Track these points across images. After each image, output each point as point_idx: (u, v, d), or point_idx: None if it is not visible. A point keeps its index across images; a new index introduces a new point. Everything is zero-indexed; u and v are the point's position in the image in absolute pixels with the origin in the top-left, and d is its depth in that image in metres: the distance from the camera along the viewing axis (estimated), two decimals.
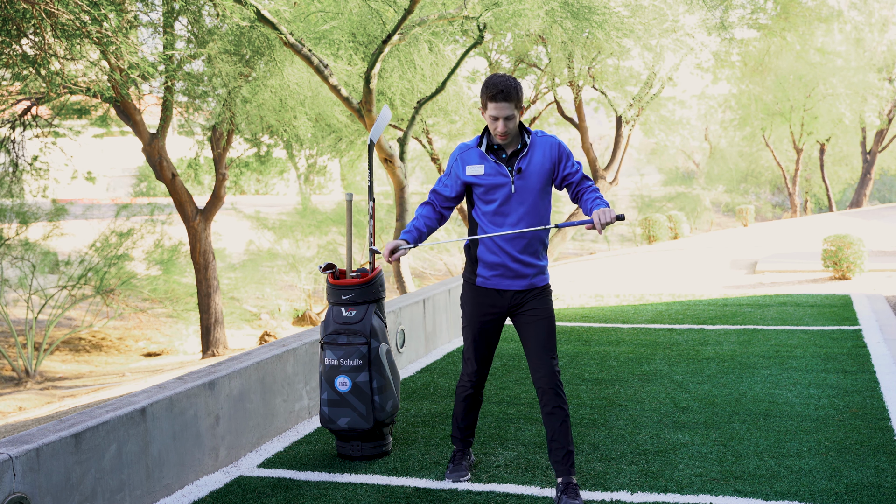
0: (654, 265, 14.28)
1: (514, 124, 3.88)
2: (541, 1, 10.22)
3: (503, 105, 3.82)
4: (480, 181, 3.94)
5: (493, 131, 3.90)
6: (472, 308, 4.11)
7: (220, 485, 4.32)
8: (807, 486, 4.06)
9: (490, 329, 4.11)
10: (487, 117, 3.89)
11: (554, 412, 3.93)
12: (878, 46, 27.10)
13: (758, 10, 16.21)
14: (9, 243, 15.03)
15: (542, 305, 4.03)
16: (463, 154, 4.01)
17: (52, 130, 13.98)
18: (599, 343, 7.48)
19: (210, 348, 13.09)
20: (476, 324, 4.10)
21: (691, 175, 41.36)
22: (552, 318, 4.04)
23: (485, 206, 3.97)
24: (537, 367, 3.96)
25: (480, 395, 4.28)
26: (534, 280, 4.03)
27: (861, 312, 8.63)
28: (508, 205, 3.93)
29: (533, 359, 3.99)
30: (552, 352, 3.98)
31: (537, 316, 4.01)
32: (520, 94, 3.87)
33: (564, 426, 3.93)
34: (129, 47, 8.33)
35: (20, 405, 11.74)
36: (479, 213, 3.99)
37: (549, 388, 3.93)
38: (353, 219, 18.08)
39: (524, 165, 3.93)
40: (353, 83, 11.75)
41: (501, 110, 3.83)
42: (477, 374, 4.18)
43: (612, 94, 15.69)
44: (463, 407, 4.27)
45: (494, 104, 3.83)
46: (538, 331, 3.99)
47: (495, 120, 3.86)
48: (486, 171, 3.94)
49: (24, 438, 3.56)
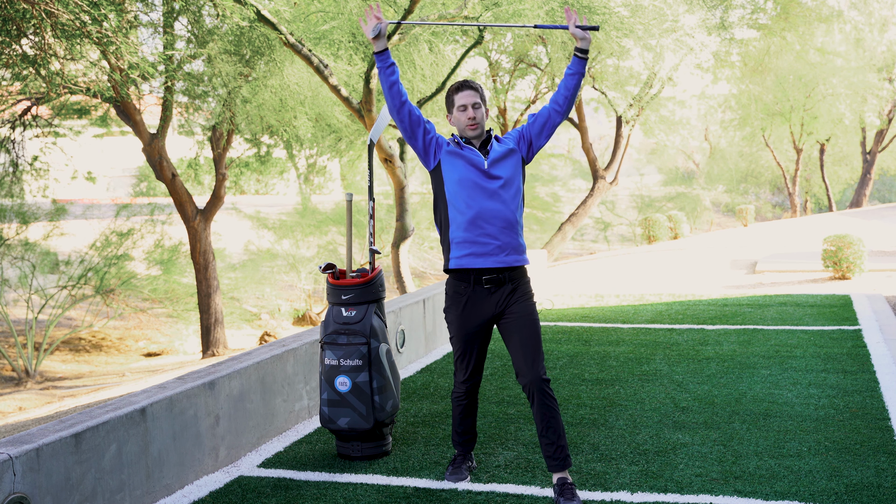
0: (654, 265, 14.28)
1: (481, 114, 3.98)
2: (541, 1, 10.23)
3: (469, 92, 3.97)
4: (457, 152, 3.97)
5: (463, 123, 3.98)
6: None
7: (220, 485, 4.33)
8: (807, 486, 4.07)
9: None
10: (456, 112, 3.98)
11: (541, 410, 3.93)
12: (878, 46, 27.09)
13: (758, 10, 16.21)
14: (9, 243, 15.03)
15: (526, 308, 4.02)
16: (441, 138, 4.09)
17: (52, 130, 13.98)
18: (599, 343, 7.48)
19: (210, 348, 13.09)
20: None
21: (691, 175, 41.33)
22: (536, 320, 4.03)
23: (459, 181, 3.96)
24: (522, 370, 3.97)
25: (475, 401, 4.28)
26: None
27: (861, 312, 8.63)
28: (489, 185, 3.95)
29: (517, 362, 4.00)
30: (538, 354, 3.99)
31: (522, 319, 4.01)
32: (483, 91, 4.01)
33: (554, 420, 3.93)
34: (129, 47, 8.33)
35: (20, 405, 11.74)
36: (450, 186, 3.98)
37: (536, 389, 3.94)
38: (353, 219, 18.08)
39: (492, 147, 4.01)
40: (353, 83, 11.75)
41: (469, 97, 3.97)
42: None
43: (612, 94, 15.69)
44: (458, 412, 4.29)
45: (461, 93, 3.97)
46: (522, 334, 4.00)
47: (464, 110, 3.96)
48: (462, 150, 3.99)
49: (24, 438, 3.56)
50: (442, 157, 4.00)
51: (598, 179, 16.10)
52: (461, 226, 3.94)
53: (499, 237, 3.93)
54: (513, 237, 3.97)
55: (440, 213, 4.04)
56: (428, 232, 22.48)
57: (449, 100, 4.02)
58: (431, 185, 4.10)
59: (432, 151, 4.01)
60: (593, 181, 16.20)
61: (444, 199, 4.00)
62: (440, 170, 4.00)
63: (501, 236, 3.94)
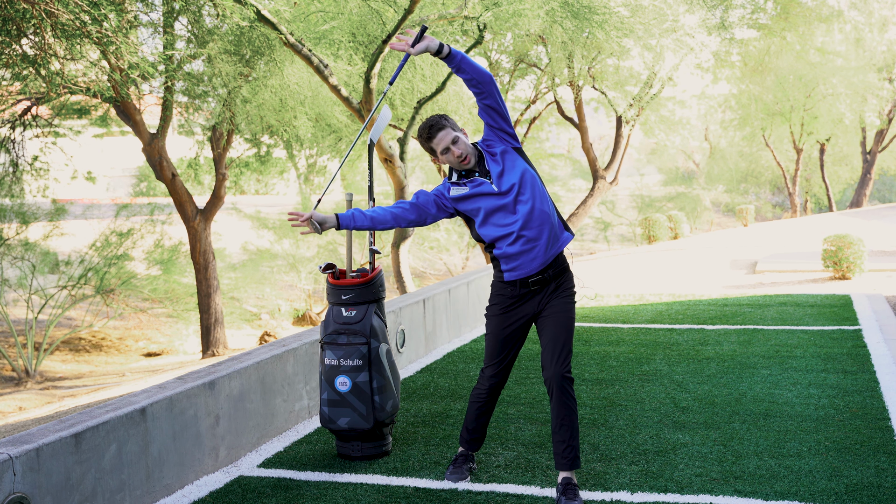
0: (654, 265, 14.28)
1: (464, 144, 3.95)
2: (541, 1, 10.22)
3: (440, 134, 3.93)
4: (468, 193, 3.96)
5: (454, 162, 3.95)
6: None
7: (220, 485, 4.33)
8: (807, 486, 4.06)
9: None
10: (441, 157, 3.96)
11: (559, 406, 3.95)
12: (878, 46, 27.08)
13: (758, 10, 16.20)
14: (9, 243, 15.03)
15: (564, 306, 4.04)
16: (443, 186, 4.06)
17: (52, 130, 13.98)
18: (599, 343, 7.48)
19: (210, 348, 13.09)
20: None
21: (691, 175, 41.34)
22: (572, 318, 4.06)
23: (485, 215, 3.98)
24: (548, 364, 3.99)
25: (494, 402, 4.29)
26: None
27: (861, 312, 8.63)
28: (508, 200, 3.95)
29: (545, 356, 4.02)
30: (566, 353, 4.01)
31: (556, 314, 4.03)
32: (449, 120, 3.96)
33: (569, 419, 3.95)
34: (129, 47, 8.33)
35: (20, 405, 11.74)
36: (486, 228, 4.00)
37: (557, 385, 3.95)
38: None
39: (489, 164, 3.97)
40: (353, 83, 11.75)
41: (444, 139, 3.93)
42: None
43: (612, 94, 15.67)
44: (475, 409, 4.30)
45: (434, 140, 3.93)
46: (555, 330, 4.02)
47: (446, 151, 3.93)
48: (469, 188, 3.97)
49: (24, 438, 3.56)
50: (456, 205, 4.02)
51: (598, 179, 16.09)
52: (505, 241, 3.98)
53: (541, 235, 3.96)
54: (550, 225, 3.98)
55: (476, 234, 4.09)
56: (428, 232, 22.48)
57: (427, 148, 3.98)
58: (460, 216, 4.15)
59: (446, 210, 4.04)
60: (593, 181, 16.19)
61: (476, 227, 4.04)
62: (461, 213, 4.05)
63: (543, 232, 3.96)
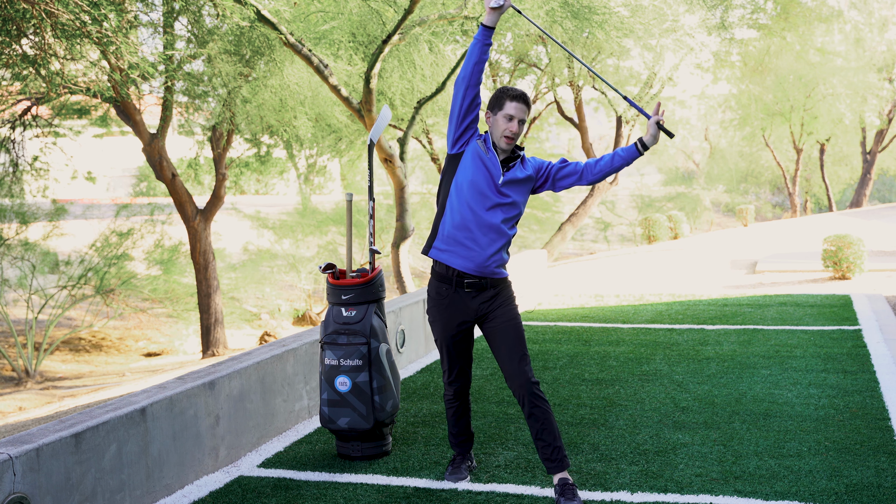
0: (654, 265, 14.28)
1: (521, 130, 3.95)
2: (541, 1, 10.22)
3: (522, 107, 3.92)
4: (481, 156, 3.94)
5: (501, 132, 3.92)
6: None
7: (220, 485, 4.33)
8: (807, 486, 4.07)
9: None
10: (501, 117, 3.91)
11: (533, 413, 3.94)
12: (878, 46, 27.09)
13: (758, 10, 16.21)
14: (9, 243, 15.03)
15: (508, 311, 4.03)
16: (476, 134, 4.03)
17: (52, 130, 13.98)
18: (599, 343, 7.48)
19: (210, 348, 13.09)
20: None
21: (691, 175, 41.34)
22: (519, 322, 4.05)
23: (469, 182, 3.94)
24: (511, 375, 3.98)
25: (467, 403, 4.29)
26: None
27: (861, 312, 8.63)
28: (492, 196, 3.94)
29: (505, 367, 4.01)
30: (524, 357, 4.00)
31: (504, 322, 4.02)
32: (531, 108, 4.00)
33: (548, 422, 3.94)
34: (129, 47, 8.33)
35: (20, 405, 11.74)
36: (459, 191, 3.97)
37: (526, 393, 3.94)
38: (353, 219, 18.08)
39: (515, 167, 3.99)
40: (353, 83, 11.75)
41: (520, 111, 3.92)
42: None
43: (613, 93, 15.67)
44: (450, 414, 4.31)
45: (515, 104, 3.91)
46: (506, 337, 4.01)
47: (510, 119, 3.91)
48: (486, 155, 3.95)
49: (24, 438, 3.56)
50: (467, 150, 3.97)
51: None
52: (456, 223, 3.95)
53: (487, 248, 3.94)
54: (500, 253, 3.98)
55: (442, 196, 4.04)
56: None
57: (499, 101, 3.93)
58: (443, 166, 4.09)
59: (464, 139, 3.97)
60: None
61: (449, 188, 4.00)
62: (458, 160, 3.98)
63: (489, 248, 3.94)
